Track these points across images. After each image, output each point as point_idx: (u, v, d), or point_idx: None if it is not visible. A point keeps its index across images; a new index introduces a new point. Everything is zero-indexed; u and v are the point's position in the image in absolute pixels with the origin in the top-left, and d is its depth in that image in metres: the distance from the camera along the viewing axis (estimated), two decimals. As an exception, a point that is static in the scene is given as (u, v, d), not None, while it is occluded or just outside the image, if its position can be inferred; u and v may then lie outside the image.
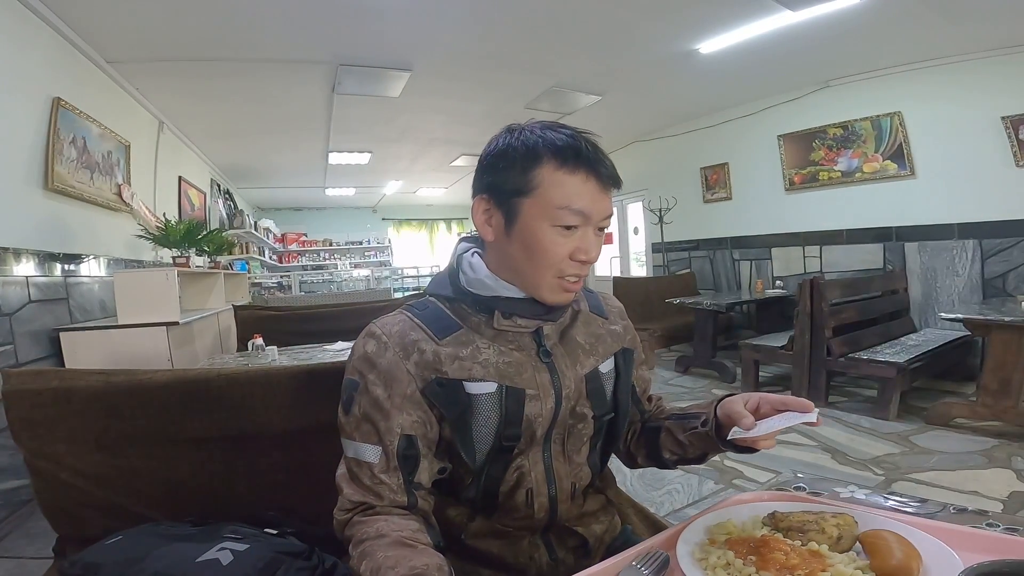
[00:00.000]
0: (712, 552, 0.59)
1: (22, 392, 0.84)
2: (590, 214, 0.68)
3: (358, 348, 0.73)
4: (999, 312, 2.70)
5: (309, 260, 9.70)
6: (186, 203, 4.84)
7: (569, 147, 0.68)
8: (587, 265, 0.70)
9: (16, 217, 2.41)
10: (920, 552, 0.54)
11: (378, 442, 0.68)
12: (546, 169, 0.67)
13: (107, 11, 2.73)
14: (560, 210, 0.67)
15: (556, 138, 0.68)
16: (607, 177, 0.70)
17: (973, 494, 2.08)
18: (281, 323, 2.82)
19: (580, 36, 3.42)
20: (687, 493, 2.29)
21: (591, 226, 0.70)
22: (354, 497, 0.68)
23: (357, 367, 0.71)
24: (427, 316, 0.74)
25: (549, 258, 0.69)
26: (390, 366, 0.69)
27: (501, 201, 0.70)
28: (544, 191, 0.67)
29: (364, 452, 0.69)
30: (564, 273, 0.70)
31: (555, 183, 0.67)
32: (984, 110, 3.57)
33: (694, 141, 5.66)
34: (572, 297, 0.73)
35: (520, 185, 0.68)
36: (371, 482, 0.68)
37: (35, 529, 2.05)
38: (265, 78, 3.79)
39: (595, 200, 0.69)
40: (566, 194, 0.67)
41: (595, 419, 0.78)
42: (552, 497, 0.76)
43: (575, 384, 0.76)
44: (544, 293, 0.71)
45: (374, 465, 0.68)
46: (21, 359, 2.32)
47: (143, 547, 0.73)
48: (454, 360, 0.70)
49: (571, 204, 0.67)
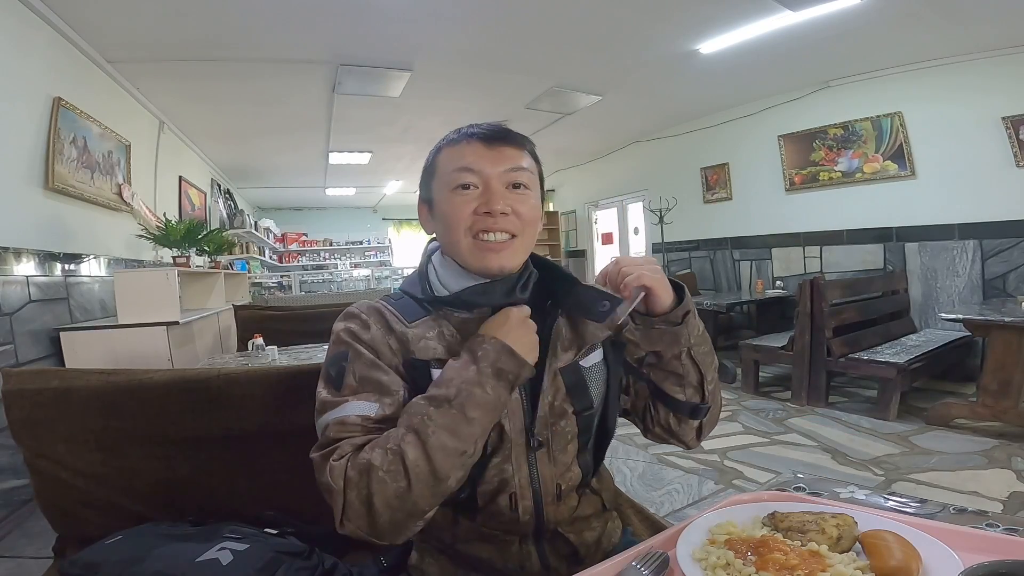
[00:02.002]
0: (712, 552, 0.59)
1: (22, 392, 0.84)
2: (479, 168, 0.73)
3: (340, 327, 0.73)
4: (999, 313, 2.69)
5: (309, 260, 9.70)
6: (186, 203, 4.85)
7: (456, 131, 0.76)
8: (499, 219, 0.71)
9: (16, 217, 2.41)
10: (920, 552, 0.54)
11: (376, 400, 0.66)
12: (441, 153, 0.77)
13: (107, 11, 2.73)
14: (451, 174, 0.73)
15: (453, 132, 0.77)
16: (491, 136, 0.74)
17: (973, 494, 2.08)
18: (281, 323, 2.82)
19: (580, 36, 3.42)
20: (687, 493, 2.29)
21: (493, 180, 0.73)
22: (356, 441, 0.63)
23: (344, 339, 0.70)
24: (398, 305, 0.76)
25: (455, 219, 0.72)
26: (374, 340, 0.70)
27: (424, 196, 0.80)
28: (440, 167, 0.76)
29: (359, 408, 0.65)
30: (475, 230, 0.72)
31: (445, 158, 0.76)
32: (984, 110, 3.57)
33: (694, 141, 5.66)
34: (502, 261, 0.72)
35: (429, 176, 0.78)
36: (371, 428, 0.64)
37: (35, 529, 2.05)
38: (265, 78, 3.79)
39: (481, 155, 0.73)
40: (452, 159, 0.74)
41: (577, 415, 0.76)
42: (536, 500, 0.74)
43: (548, 379, 0.74)
44: (468, 258, 0.73)
45: (370, 418, 0.65)
46: (21, 359, 2.32)
47: (143, 547, 0.73)
48: (420, 340, 0.72)
49: (457, 164, 0.73)
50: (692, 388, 0.78)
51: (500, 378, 0.64)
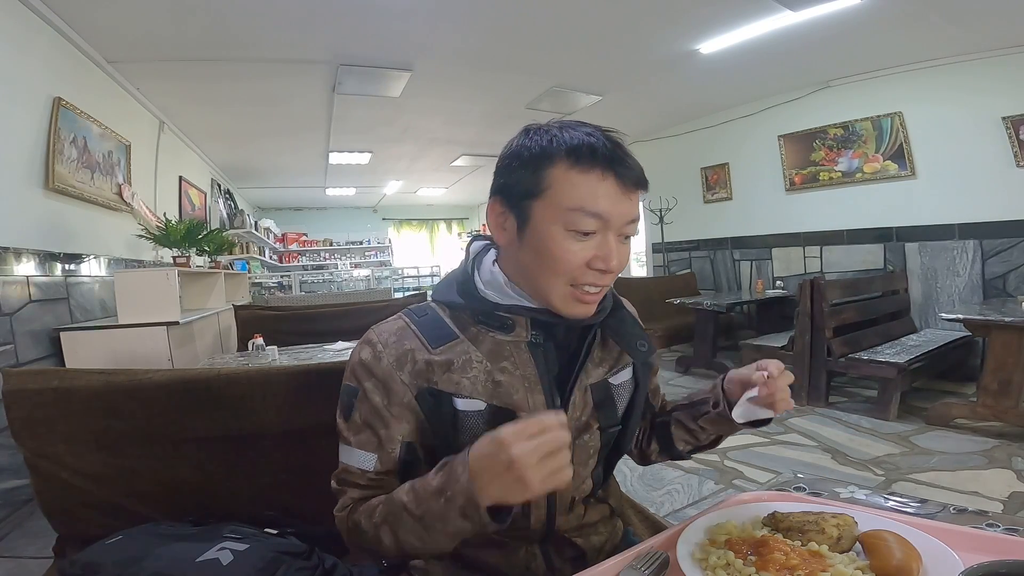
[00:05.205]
0: (712, 552, 0.59)
1: (22, 392, 0.84)
2: (608, 217, 0.62)
3: (355, 355, 0.72)
4: (999, 312, 2.69)
5: (309, 260, 9.70)
6: (186, 203, 4.85)
7: (583, 144, 0.62)
8: (607, 275, 0.65)
9: (17, 217, 2.41)
10: (920, 552, 0.54)
11: (375, 450, 0.68)
12: (558, 169, 0.62)
13: (108, 11, 2.73)
14: (573, 212, 0.62)
15: (571, 136, 0.63)
16: (628, 177, 0.63)
17: (973, 494, 2.08)
18: (281, 323, 2.82)
19: (580, 36, 3.41)
20: (687, 493, 2.29)
21: (611, 231, 0.64)
22: (354, 494, 0.68)
23: (355, 374, 0.70)
24: (424, 323, 0.71)
25: (561, 265, 0.63)
26: (385, 376, 0.68)
27: (513, 203, 0.66)
28: (556, 192, 0.62)
29: (361, 459, 0.68)
30: (579, 282, 0.64)
31: (567, 183, 0.62)
32: (984, 110, 3.57)
33: (694, 141, 5.66)
34: (589, 311, 0.68)
35: (531, 186, 0.64)
36: (369, 483, 0.68)
37: (35, 529, 2.05)
38: (266, 78, 3.79)
39: (614, 202, 0.62)
40: (579, 195, 0.62)
41: (601, 431, 0.75)
42: (550, 509, 0.73)
43: (579, 395, 0.72)
44: (556, 303, 0.66)
45: (368, 472, 0.68)
46: (21, 359, 2.32)
47: (143, 547, 0.73)
48: (445, 371, 0.67)
49: (585, 206, 0.61)
50: (692, 446, 0.85)
51: (466, 518, 0.56)
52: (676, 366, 4.45)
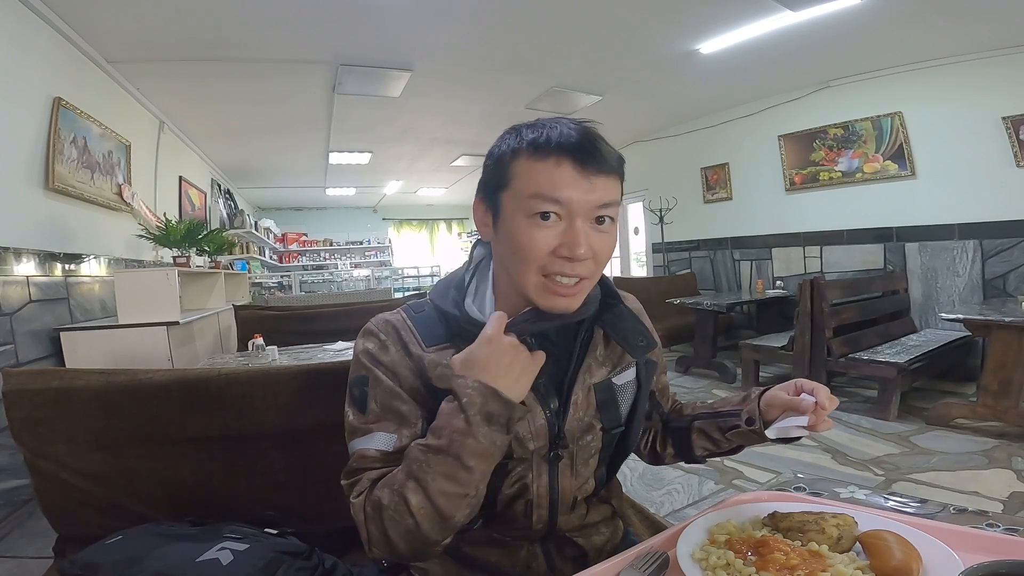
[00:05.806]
0: (712, 552, 0.59)
1: (23, 392, 0.84)
2: (567, 202, 0.62)
3: (359, 347, 0.71)
4: (999, 312, 2.69)
5: (309, 260, 9.70)
6: (186, 203, 4.85)
7: (542, 135, 0.63)
8: (578, 264, 0.63)
9: (17, 217, 2.41)
10: (920, 553, 0.54)
11: (397, 428, 0.66)
12: (519, 160, 0.64)
13: (108, 11, 2.73)
14: (532, 199, 0.62)
15: (536, 130, 0.64)
16: (588, 162, 0.62)
17: (973, 494, 2.08)
18: (281, 323, 2.82)
19: (580, 36, 3.41)
20: (687, 493, 2.29)
21: (578, 217, 0.63)
22: (372, 475, 0.64)
23: (363, 363, 0.70)
24: (420, 319, 0.72)
25: (528, 254, 0.63)
26: (393, 362, 0.68)
27: (489, 199, 0.68)
28: (517, 182, 0.64)
29: (381, 441, 0.66)
30: (549, 271, 0.64)
31: (527, 171, 0.63)
32: (984, 110, 3.57)
33: (694, 141, 5.66)
34: (569, 304, 0.66)
35: (499, 179, 0.66)
36: (388, 461, 0.65)
37: (35, 529, 2.05)
38: (266, 78, 3.79)
39: (572, 187, 0.62)
40: (537, 182, 0.62)
41: (604, 432, 0.75)
42: (552, 509, 0.74)
43: (582, 394, 0.72)
44: (532, 295, 0.66)
45: (388, 452, 0.65)
46: (21, 359, 2.32)
47: (143, 547, 0.73)
48: (436, 367, 0.68)
49: (542, 191, 0.62)
50: (711, 452, 0.85)
51: (491, 423, 0.59)
52: (676, 366, 4.45)
